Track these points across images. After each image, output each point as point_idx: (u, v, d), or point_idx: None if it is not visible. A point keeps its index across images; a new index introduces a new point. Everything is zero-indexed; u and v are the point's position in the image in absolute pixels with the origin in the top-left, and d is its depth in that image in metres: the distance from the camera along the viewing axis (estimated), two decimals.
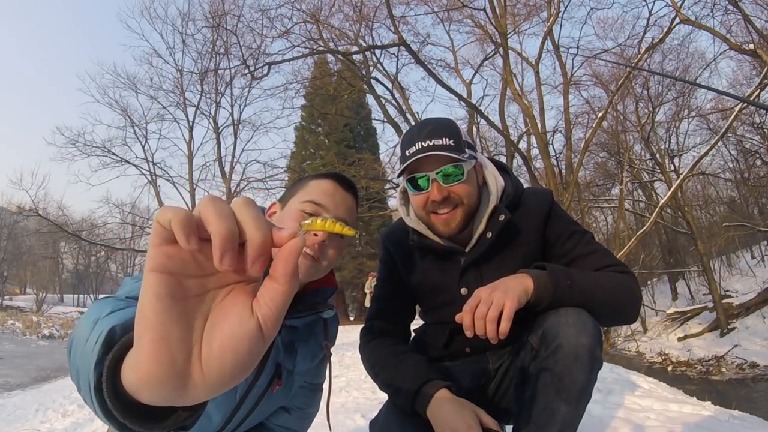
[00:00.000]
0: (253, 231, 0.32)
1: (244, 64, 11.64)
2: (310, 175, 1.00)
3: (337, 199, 0.95)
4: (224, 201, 0.33)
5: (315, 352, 1.04)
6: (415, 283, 1.23)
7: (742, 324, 11.86)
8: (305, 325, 1.01)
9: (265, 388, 0.97)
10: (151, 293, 0.31)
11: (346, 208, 0.97)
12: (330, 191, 0.95)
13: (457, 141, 1.08)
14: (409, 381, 1.05)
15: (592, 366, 0.93)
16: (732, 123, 9.93)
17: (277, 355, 0.97)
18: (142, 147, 16.42)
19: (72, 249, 35.43)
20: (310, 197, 0.94)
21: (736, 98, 10.80)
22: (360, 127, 21.56)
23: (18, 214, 25.47)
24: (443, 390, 1.01)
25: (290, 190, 1.01)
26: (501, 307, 0.90)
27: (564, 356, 0.93)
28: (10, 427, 4.31)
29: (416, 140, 1.07)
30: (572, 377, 0.92)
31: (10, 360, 10.94)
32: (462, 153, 1.07)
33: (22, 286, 39.87)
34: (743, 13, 9.34)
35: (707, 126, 15.22)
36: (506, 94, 11.29)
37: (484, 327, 0.91)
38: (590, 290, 0.99)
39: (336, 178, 0.98)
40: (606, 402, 2.44)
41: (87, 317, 0.55)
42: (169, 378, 0.31)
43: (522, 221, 1.11)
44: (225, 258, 0.31)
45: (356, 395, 3.51)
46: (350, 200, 0.98)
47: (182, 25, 15.68)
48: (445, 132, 1.07)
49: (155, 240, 0.32)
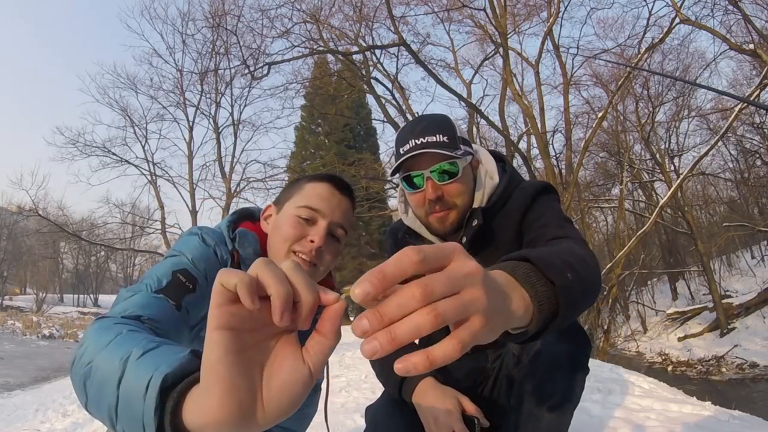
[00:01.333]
0: (306, 294, 0.38)
1: (244, 64, 11.65)
2: (306, 177, 0.99)
3: (333, 204, 0.94)
4: (276, 265, 0.38)
5: None
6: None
7: (742, 324, 11.87)
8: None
9: None
10: (219, 349, 0.36)
11: (342, 212, 0.96)
12: (326, 195, 0.94)
13: (452, 137, 1.06)
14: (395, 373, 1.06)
15: (574, 372, 0.92)
16: (732, 123, 9.93)
17: None
18: (142, 147, 16.41)
19: (72, 249, 35.43)
20: (306, 202, 0.93)
21: (736, 98, 10.82)
22: (360, 127, 21.54)
23: (18, 214, 25.49)
24: (428, 378, 1.04)
25: (286, 192, 0.99)
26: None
27: (544, 363, 0.91)
28: (10, 427, 4.31)
29: (410, 138, 1.06)
30: (554, 384, 0.91)
31: (10, 360, 10.94)
32: (456, 149, 1.06)
33: (22, 286, 39.88)
34: (743, 13, 9.34)
35: (707, 126, 15.23)
36: (506, 94, 11.29)
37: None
38: (581, 271, 0.76)
39: (332, 181, 0.97)
40: (606, 402, 2.43)
41: (110, 352, 0.57)
42: (237, 421, 0.37)
43: (502, 221, 1.09)
44: (284, 316, 0.36)
45: (356, 395, 3.51)
46: (346, 203, 0.97)
47: (182, 25, 15.62)
48: (439, 129, 1.06)
49: (218, 300, 0.37)
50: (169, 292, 0.79)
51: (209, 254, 0.89)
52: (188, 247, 0.89)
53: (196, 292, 0.83)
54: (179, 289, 0.81)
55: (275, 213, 0.98)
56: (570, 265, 0.65)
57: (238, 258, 0.93)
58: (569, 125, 11.29)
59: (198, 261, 0.87)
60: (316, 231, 0.92)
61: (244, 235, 0.95)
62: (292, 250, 0.91)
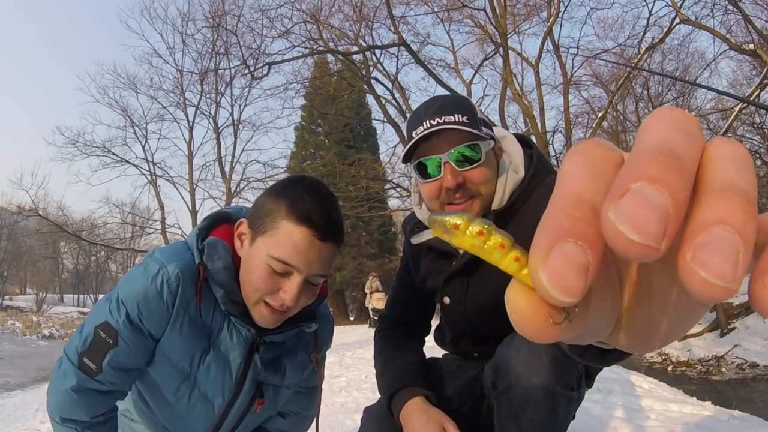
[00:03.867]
0: None
1: (244, 64, 11.66)
2: (286, 207, 0.81)
3: (311, 257, 0.80)
4: None
5: (305, 363, 1.02)
6: (417, 280, 1.17)
7: (742, 324, 11.87)
8: (291, 338, 0.98)
9: (247, 406, 0.97)
10: None
11: (321, 263, 0.83)
12: (303, 247, 0.80)
13: (472, 117, 0.91)
14: (387, 383, 1.05)
15: (552, 404, 0.86)
16: (732, 123, 9.93)
17: (257, 374, 0.94)
18: (142, 147, 16.41)
19: (72, 249, 35.43)
20: (280, 254, 0.80)
21: (736, 98, 10.82)
22: (360, 127, 21.54)
23: (18, 214, 25.47)
24: (417, 398, 1.00)
25: (259, 215, 0.84)
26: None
27: (516, 397, 0.87)
28: (10, 427, 4.30)
29: (424, 118, 0.91)
30: (528, 416, 0.87)
31: (10, 360, 10.93)
32: (478, 129, 0.91)
33: (22, 286, 39.89)
34: (743, 13, 9.34)
35: (707, 126, 15.20)
36: (506, 94, 11.29)
37: None
38: None
39: (312, 227, 0.80)
40: (606, 402, 2.43)
41: (58, 403, 0.86)
42: None
43: (521, 221, 0.94)
44: None
45: (356, 395, 3.51)
46: (327, 251, 0.83)
47: (182, 25, 15.65)
48: (457, 108, 0.91)
49: None
50: (91, 354, 0.84)
51: (150, 293, 0.83)
52: (131, 288, 0.85)
53: (119, 344, 0.84)
54: (100, 346, 0.84)
55: (248, 239, 0.85)
56: None
57: (203, 273, 0.85)
58: (569, 125, 11.29)
59: (134, 301, 0.84)
60: (289, 287, 0.81)
61: (213, 245, 0.86)
62: (263, 300, 0.84)
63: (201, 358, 0.90)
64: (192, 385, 0.92)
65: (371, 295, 12.75)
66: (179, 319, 0.85)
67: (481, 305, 1.02)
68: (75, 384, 0.85)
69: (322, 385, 1.09)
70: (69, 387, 0.86)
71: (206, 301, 0.87)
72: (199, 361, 0.90)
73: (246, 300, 0.87)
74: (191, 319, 0.86)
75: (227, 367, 0.91)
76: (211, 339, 0.90)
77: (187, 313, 0.86)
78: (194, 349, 0.89)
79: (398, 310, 1.22)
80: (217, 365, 0.90)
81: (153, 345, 0.88)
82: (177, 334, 0.86)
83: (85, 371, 0.85)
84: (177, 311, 0.85)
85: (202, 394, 0.93)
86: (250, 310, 0.86)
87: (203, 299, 0.86)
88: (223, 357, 0.91)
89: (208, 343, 0.90)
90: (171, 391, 0.92)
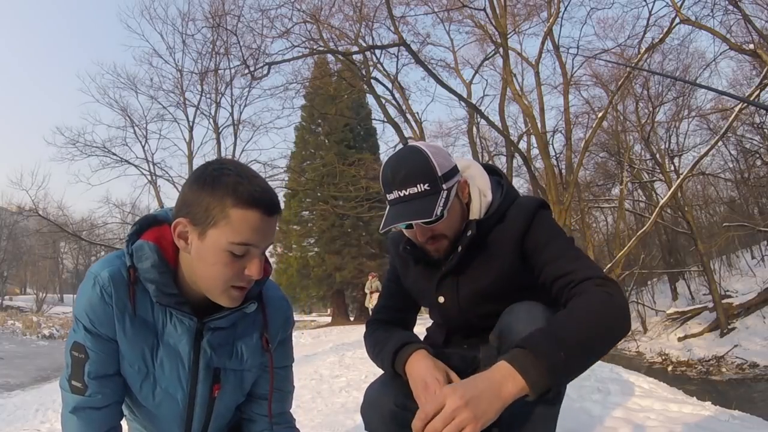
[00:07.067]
0: None
1: (244, 64, 11.64)
2: (229, 198, 0.85)
3: (266, 231, 0.89)
4: None
5: (262, 344, 1.04)
6: (407, 286, 1.29)
7: (742, 324, 11.86)
8: (243, 322, 1.01)
9: (210, 395, 1.00)
10: None
11: (272, 233, 0.92)
12: (259, 226, 0.87)
13: (433, 181, 1.05)
14: (390, 345, 1.13)
15: None
16: (732, 123, 9.94)
17: (209, 360, 0.97)
18: (142, 147, 16.39)
19: (72, 249, 35.45)
20: (239, 238, 0.85)
21: (736, 98, 10.82)
22: (360, 127, 21.53)
23: (18, 214, 25.47)
24: (421, 350, 1.08)
25: (202, 209, 0.86)
26: (459, 431, 0.75)
27: None
28: (10, 427, 4.31)
29: (393, 188, 1.08)
30: None
31: (10, 360, 10.93)
32: (438, 193, 1.05)
33: (22, 286, 39.87)
34: (743, 13, 9.34)
35: (707, 126, 15.23)
36: (506, 94, 11.30)
37: None
38: (584, 339, 0.86)
39: (260, 206, 0.86)
40: (606, 402, 2.43)
41: None
42: None
43: (500, 233, 1.11)
44: None
45: (356, 395, 3.51)
46: (274, 221, 0.91)
47: (182, 25, 15.62)
48: (419, 176, 1.05)
49: None
50: (74, 374, 0.92)
51: (94, 300, 0.91)
52: (80, 303, 0.93)
53: (89, 356, 0.92)
54: (78, 364, 0.92)
55: (196, 238, 0.88)
56: (564, 342, 0.81)
57: (134, 274, 0.91)
58: (569, 125, 11.30)
59: (84, 313, 0.91)
60: (253, 264, 0.89)
61: (139, 248, 0.92)
62: (230, 285, 0.90)
63: (153, 354, 0.95)
64: (153, 383, 0.96)
65: (371, 295, 12.76)
66: (121, 320, 0.91)
67: (472, 298, 1.16)
68: (72, 407, 0.93)
69: (322, 386, 1.09)
70: (69, 411, 0.94)
71: (142, 300, 0.92)
72: (152, 357, 0.95)
73: (209, 292, 0.91)
74: (132, 319, 0.92)
75: (179, 359, 0.96)
76: (158, 335, 0.95)
77: (125, 314, 0.91)
78: (143, 347, 0.94)
79: (384, 314, 1.32)
80: (169, 359, 0.95)
81: (117, 347, 0.94)
82: (123, 335, 0.92)
83: (76, 392, 0.92)
84: (115, 314, 0.91)
85: (164, 390, 0.97)
86: (217, 299, 0.91)
87: (139, 299, 0.92)
88: (173, 350, 0.95)
89: (155, 339, 0.95)
90: (137, 392, 0.97)
